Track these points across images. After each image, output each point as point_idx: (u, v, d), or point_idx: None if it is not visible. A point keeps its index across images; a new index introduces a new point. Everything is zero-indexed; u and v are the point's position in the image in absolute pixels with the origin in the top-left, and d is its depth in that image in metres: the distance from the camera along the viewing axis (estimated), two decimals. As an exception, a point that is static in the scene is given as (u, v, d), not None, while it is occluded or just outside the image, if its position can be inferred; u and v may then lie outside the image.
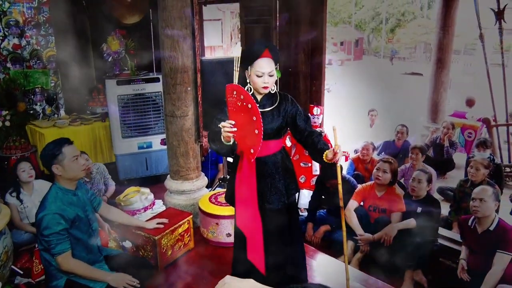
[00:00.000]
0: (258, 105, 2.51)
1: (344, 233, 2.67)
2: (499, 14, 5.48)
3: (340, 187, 2.55)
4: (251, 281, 1.64)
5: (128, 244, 3.41)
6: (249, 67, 2.53)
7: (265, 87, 2.52)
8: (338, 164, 2.48)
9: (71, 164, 2.60)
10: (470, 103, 6.93)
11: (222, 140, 2.40)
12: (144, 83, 5.12)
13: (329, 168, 2.75)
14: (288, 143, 4.87)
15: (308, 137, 2.60)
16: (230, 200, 2.79)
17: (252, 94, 2.57)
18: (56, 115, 6.04)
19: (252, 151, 2.40)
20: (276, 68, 2.57)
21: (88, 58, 5.97)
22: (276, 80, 2.62)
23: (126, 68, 5.41)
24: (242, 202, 2.68)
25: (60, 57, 5.87)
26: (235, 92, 2.34)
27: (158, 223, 3.32)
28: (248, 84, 2.57)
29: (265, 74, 2.49)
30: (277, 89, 2.68)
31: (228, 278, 1.64)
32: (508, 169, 5.72)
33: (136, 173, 5.34)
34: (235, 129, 2.34)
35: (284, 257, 2.80)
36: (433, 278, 3.69)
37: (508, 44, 6.15)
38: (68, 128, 5.41)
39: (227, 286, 1.59)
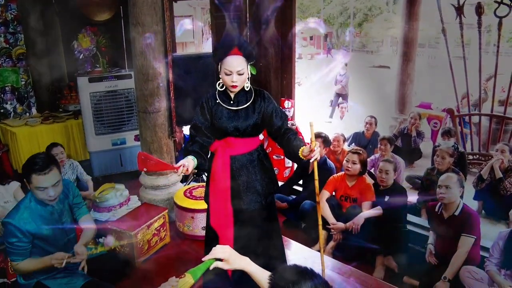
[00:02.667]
0: (231, 102, 2.50)
1: (320, 227, 2.59)
2: (459, 10, 5.61)
3: (316, 182, 2.47)
4: (247, 259, 1.75)
5: (109, 241, 3.33)
6: (220, 64, 2.42)
7: (234, 86, 2.40)
8: (314, 159, 2.36)
9: (37, 192, 2.45)
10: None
11: None
12: (116, 80, 5.05)
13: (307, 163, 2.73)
14: (260, 136, 4.88)
15: (284, 135, 2.50)
16: (206, 199, 2.70)
17: (225, 90, 2.51)
18: (27, 114, 5.88)
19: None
20: (252, 64, 2.48)
21: (58, 55, 5.81)
22: (249, 76, 2.53)
23: (98, 65, 5.30)
24: (215, 201, 2.62)
25: (30, 55, 5.70)
26: (145, 159, 2.29)
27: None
28: (220, 80, 2.46)
29: (233, 72, 2.36)
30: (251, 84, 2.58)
31: (228, 248, 1.74)
32: (471, 157, 5.88)
33: (110, 170, 5.27)
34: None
35: (261, 259, 2.62)
36: (402, 263, 3.78)
37: (468, 38, 6.29)
38: (40, 127, 5.29)
39: (229, 253, 1.71)
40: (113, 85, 5.03)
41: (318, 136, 4.31)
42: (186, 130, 5.50)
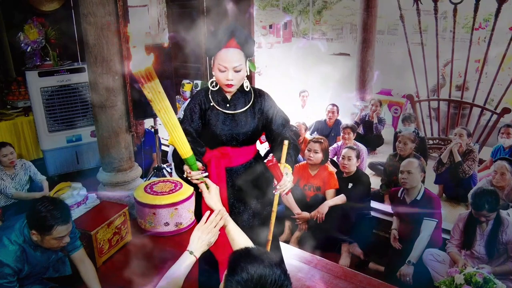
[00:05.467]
0: (228, 105, 2.18)
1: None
2: (417, -4, 5.77)
3: (273, 215, 2.18)
4: (245, 236, 1.83)
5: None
6: (213, 58, 2.09)
7: (229, 85, 2.08)
8: (277, 193, 2.10)
9: (52, 241, 2.35)
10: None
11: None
12: (69, 73, 4.89)
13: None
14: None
15: (280, 143, 2.14)
16: (198, 216, 2.28)
17: (219, 90, 2.18)
18: (-28, 111, 5.61)
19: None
20: (250, 60, 2.14)
21: (3, 48, 5.56)
22: (249, 75, 2.24)
23: (48, 59, 5.11)
24: None
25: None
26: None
27: None
28: (214, 78, 2.15)
29: (228, 69, 2.04)
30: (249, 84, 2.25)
31: (227, 214, 1.86)
32: (431, 142, 6.10)
33: (66, 168, 5.13)
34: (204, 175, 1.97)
35: None
36: (368, 249, 3.89)
37: (426, 24, 6.47)
38: (-13, 125, 5.06)
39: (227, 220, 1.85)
40: (66, 79, 4.88)
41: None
42: (147, 123, 5.42)
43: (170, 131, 1.85)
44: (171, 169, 4.97)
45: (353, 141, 5.13)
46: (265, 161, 2.17)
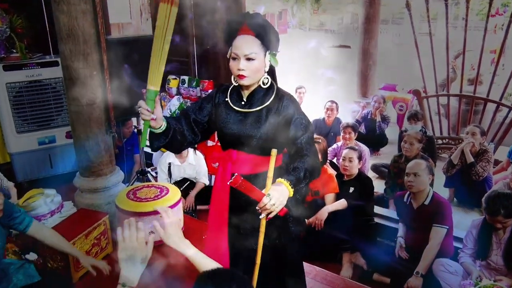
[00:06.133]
0: (243, 103, 2.15)
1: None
2: (424, -19, 5.82)
3: (261, 237, 2.05)
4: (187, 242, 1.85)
5: (32, 256, 3.24)
6: (230, 48, 2.07)
7: (241, 76, 2.02)
8: (263, 217, 1.98)
9: None
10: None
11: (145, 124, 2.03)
12: (40, 67, 4.86)
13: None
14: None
15: (293, 160, 2.06)
16: None
17: (237, 89, 2.17)
18: None
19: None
20: (270, 52, 2.08)
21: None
22: (273, 70, 2.18)
23: (14, 50, 5.06)
24: (211, 233, 2.34)
25: None
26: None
27: (93, 264, 2.88)
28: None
29: (240, 56, 2.00)
30: (273, 83, 2.17)
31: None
32: (440, 141, 6.15)
33: (38, 173, 5.09)
34: (154, 116, 1.98)
35: None
36: (371, 259, 3.90)
37: (435, 12, 6.53)
38: None
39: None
40: (36, 74, 4.84)
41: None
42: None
43: (153, 55, 1.99)
44: (156, 173, 4.96)
45: (354, 141, 5.16)
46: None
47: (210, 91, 5.19)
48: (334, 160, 5.05)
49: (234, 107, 2.15)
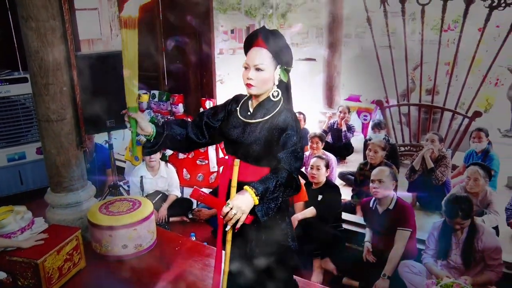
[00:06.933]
0: (249, 113, 2.19)
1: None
2: (383, -3, 5.96)
3: (228, 245, 2.17)
4: None
5: (1, 275, 3.13)
6: None
7: (249, 85, 2.08)
8: (228, 228, 1.95)
9: None
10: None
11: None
12: (8, 84, 4.72)
13: None
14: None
15: (274, 167, 2.02)
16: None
17: (248, 99, 2.24)
18: None
19: None
20: (281, 67, 2.12)
21: None
22: (288, 87, 2.23)
23: (-21, 67, 4.93)
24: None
25: None
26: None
27: (37, 240, 3.12)
28: None
29: (250, 66, 2.07)
30: (281, 98, 2.18)
31: None
32: (402, 148, 6.26)
33: (8, 190, 4.93)
34: None
35: None
36: (341, 263, 3.93)
37: (394, 26, 6.69)
38: None
39: None
40: (5, 91, 4.71)
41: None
42: (97, 138, 5.32)
43: (125, 77, 2.17)
44: (128, 186, 4.89)
45: (321, 150, 5.20)
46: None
47: (180, 104, 5.17)
48: (303, 169, 5.07)
49: (240, 116, 2.21)
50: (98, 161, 5.17)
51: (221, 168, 2.34)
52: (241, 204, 1.84)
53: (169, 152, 4.94)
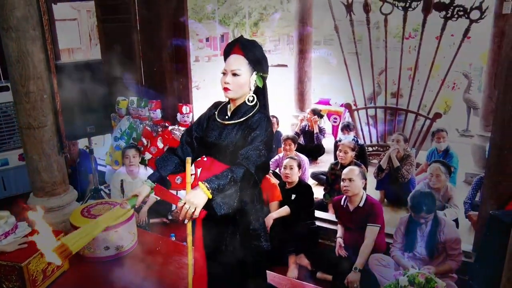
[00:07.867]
0: (226, 116, 2.21)
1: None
2: (349, 7, 6.06)
3: (189, 239, 2.25)
4: None
5: None
6: None
7: (226, 89, 2.12)
8: (187, 221, 2.05)
9: None
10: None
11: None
12: (-10, 92, 4.65)
13: None
14: (160, 144, 4.84)
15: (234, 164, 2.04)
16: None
17: (227, 104, 2.26)
18: None
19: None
20: (257, 73, 2.16)
21: None
22: (265, 92, 2.25)
23: (-37, 76, 4.82)
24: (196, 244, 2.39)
25: None
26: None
27: (20, 244, 3.08)
28: None
29: (227, 72, 2.11)
30: (257, 102, 2.20)
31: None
32: (370, 149, 6.36)
33: (-9, 196, 4.84)
34: None
35: None
36: (315, 259, 3.97)
37: (360, 34, 6.81)
38: None
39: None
40: (-13, 99, 4.64)
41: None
42: (81, 143, 5.25)
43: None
44: (109, 190, 4.84)
45: (294, 152, 5.24)
46: None
47: (158, 110, 5.15)
48: (277, 170, 5.11)
49: (218, 119, 2.24)
50: (81, 166, 5.10)
51: (198, 170, 2.36)
52: (193, 199, 1.89)
53: (148, 156, 4.92)
